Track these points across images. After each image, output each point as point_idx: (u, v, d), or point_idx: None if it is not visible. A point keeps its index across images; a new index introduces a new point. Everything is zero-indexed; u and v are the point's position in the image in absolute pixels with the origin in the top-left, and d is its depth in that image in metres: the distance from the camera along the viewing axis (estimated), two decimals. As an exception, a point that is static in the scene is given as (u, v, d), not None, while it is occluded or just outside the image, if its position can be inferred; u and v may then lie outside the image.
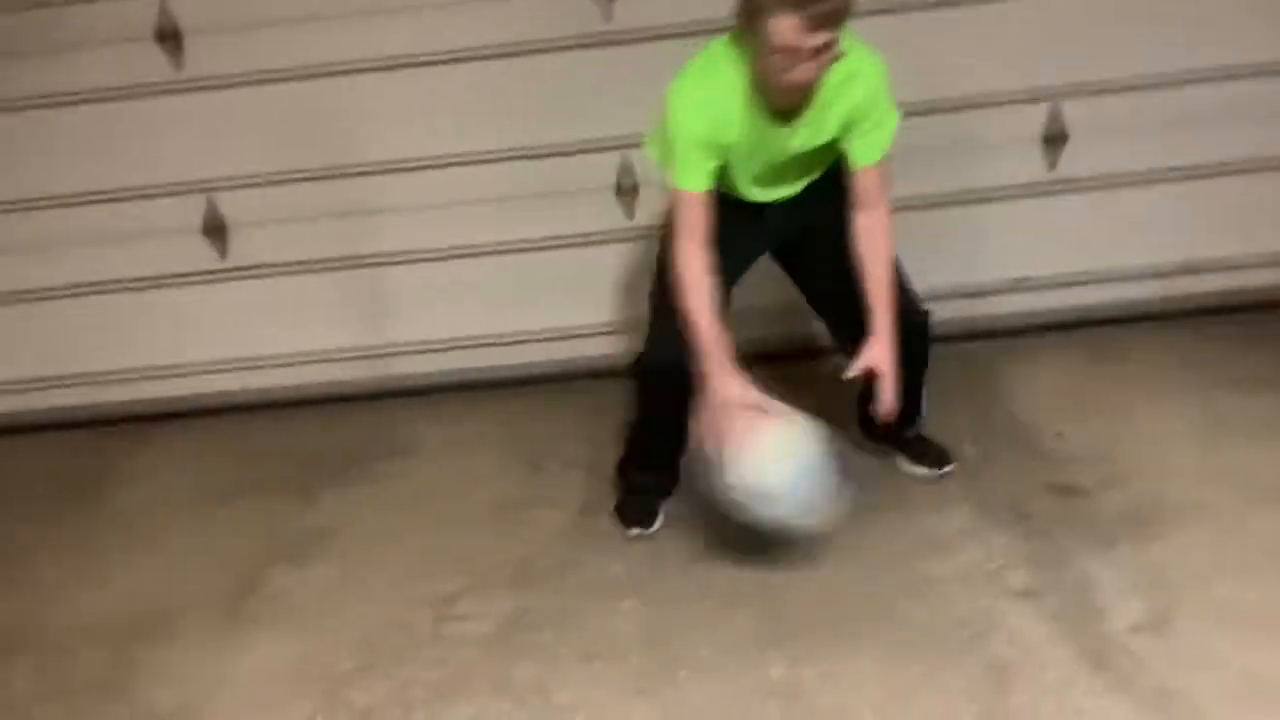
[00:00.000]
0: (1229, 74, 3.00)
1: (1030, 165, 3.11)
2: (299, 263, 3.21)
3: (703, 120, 2.01)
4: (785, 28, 1.82)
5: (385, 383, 3.31)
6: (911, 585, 2.16)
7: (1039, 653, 1.93)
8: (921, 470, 2.52)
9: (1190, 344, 3.03)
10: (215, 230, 3.18)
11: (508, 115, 3.07)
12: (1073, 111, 3.05)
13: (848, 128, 2.09)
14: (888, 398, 2.14)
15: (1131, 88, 3.01)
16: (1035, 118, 3.07)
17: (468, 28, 2.98)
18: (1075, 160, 3.10)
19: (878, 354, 2.13)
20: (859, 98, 2.04)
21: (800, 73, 1.89)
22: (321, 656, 2.15)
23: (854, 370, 2.15)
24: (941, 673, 1.92)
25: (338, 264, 3.21)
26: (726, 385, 2.04)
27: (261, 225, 3.18)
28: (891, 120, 2.11)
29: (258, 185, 3.12)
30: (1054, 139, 3.08)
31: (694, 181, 2.06)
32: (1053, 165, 3.11)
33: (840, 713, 1.86)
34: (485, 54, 3.00)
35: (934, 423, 2.62)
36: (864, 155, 2.12)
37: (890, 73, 2.11)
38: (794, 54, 1.85)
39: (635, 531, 2.42)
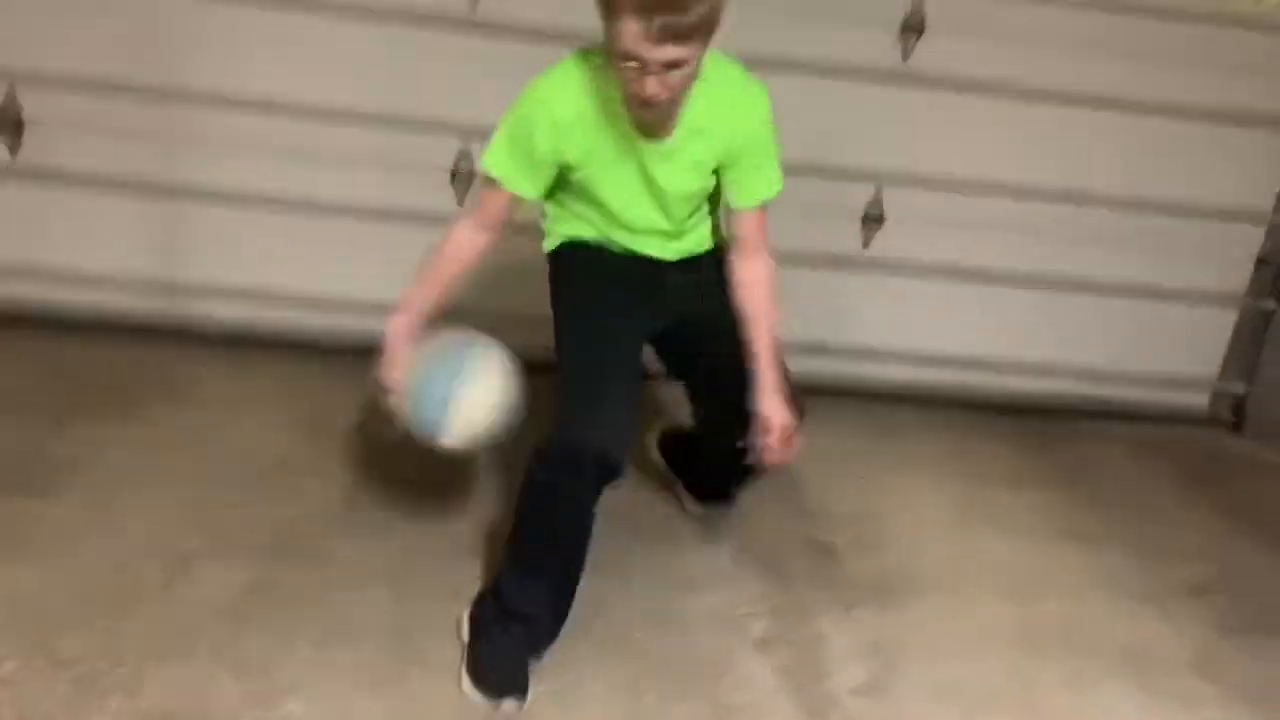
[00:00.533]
0: (1035, 194, 3.22)
1: (847, 240, 3.24)
2: (98, 176, 2.98)
3: (546, 108, 1.84)
4: (630, 34, 1.64)
5: (172, 320, 3.12)
6: (660, 617, 2.17)
7: (763, 702, 1.98)
8: (698, 509, 2.55)
9: (964, 435, 3.23)
10: (9, 124, 2.92)
11: (355, 75, 2.97)
12: (892, 197, 3.20)
13: (726, 165, 1.94)
14: (775, 446, 1.99)
15: (950, 187, 3.19)
16: (860, 196, 3.20)
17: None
18: (887, 243, 3.25)
19: (771, 410, 1.97)
20: (738, 131, 1.90)
21: (648, 86, 1.70)
22: (34, 597, 1.98)
23: (755, 441, 1.98)
24: (669, 707, 1.94)
25: (141, 187, 3.01)
26: (396, 324, 1.94)
27: (64, 128, 2.94)
28: (771, 164, 1.97)
29: (68, 86, 2.89)
30: (872, 219, 3.22)
31: (500, 165, 1.89)
32: (866, 244, 3.25)
33: (564, 732, 1.85)
34: (346, 9, 2.89)
35: None
36: (740, 196, 1.99)
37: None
38: (638, 64, 1.68)
39: (510, 704, 1.87)
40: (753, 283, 2.02)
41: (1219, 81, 3.19)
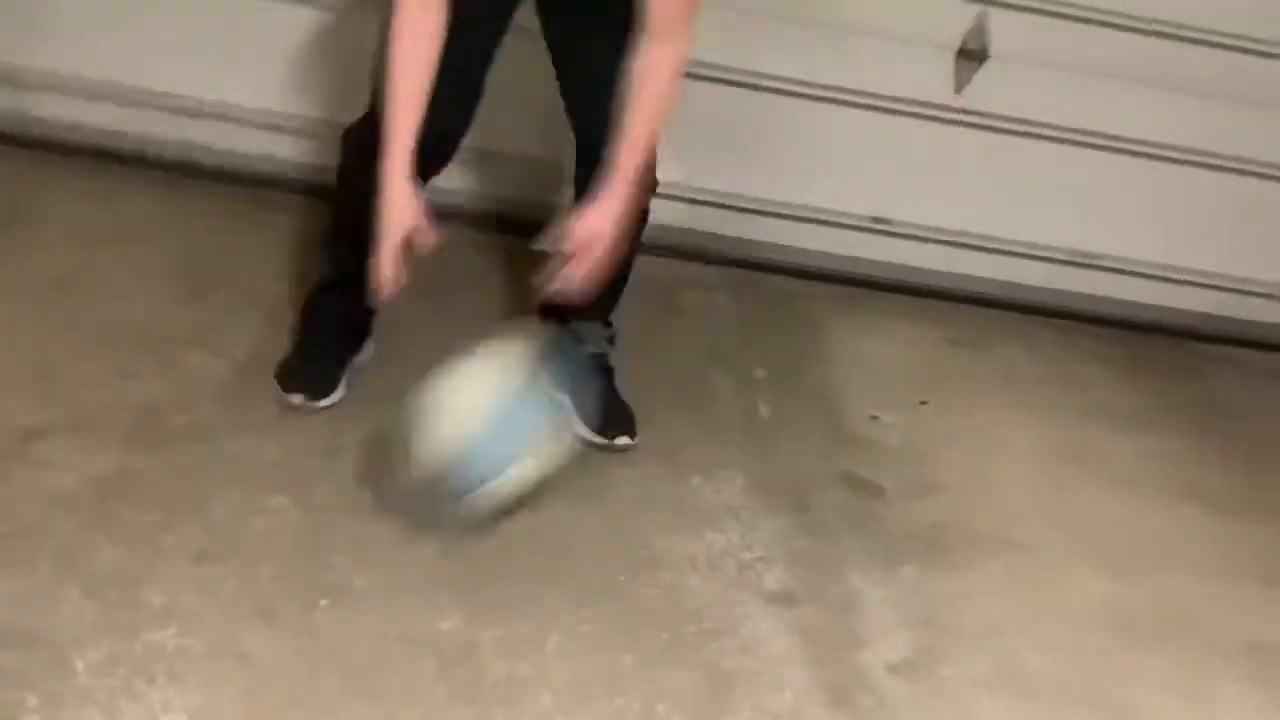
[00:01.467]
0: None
1: (934, 80, 3.32)
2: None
3: None
4: None
5: (13, 121, 3.22)
6: (649, 556, 2.29)
7: (773, 670, 2.09)
8: (589, 435, 2.54)
9: (1069, 353, 3.39)
10: None
11: None
12: (999, 24, 3.25)
13: None
14: (581, 276, 2.23)
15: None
16: (956, 23, 3.25)
17: None
18: (989, 87, 3.31)
19: (595, 221, 2.21)
20: None
21: None
22: None
23: (557, 238, 2.21)
24: (652, 668, 2.04)
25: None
26: (398, 204, 2.13)
27: None
28: None
29: None
30: (970, 53, 3.27)
31: None
32: (960, 87, 3.30)
33: (512, 690, 1.95)
34: None
35: (731, 365, 2.89)
36: None
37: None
38: None
39: (298, 399, 2.46)
40: (650, 66, 2.17)
41: None
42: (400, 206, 2.14)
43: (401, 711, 1.85)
